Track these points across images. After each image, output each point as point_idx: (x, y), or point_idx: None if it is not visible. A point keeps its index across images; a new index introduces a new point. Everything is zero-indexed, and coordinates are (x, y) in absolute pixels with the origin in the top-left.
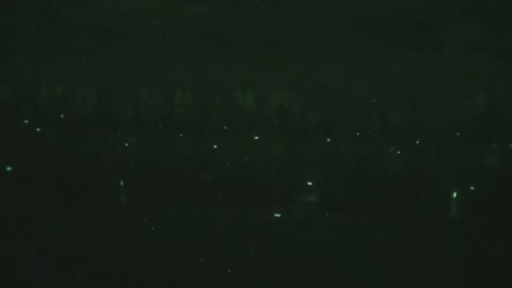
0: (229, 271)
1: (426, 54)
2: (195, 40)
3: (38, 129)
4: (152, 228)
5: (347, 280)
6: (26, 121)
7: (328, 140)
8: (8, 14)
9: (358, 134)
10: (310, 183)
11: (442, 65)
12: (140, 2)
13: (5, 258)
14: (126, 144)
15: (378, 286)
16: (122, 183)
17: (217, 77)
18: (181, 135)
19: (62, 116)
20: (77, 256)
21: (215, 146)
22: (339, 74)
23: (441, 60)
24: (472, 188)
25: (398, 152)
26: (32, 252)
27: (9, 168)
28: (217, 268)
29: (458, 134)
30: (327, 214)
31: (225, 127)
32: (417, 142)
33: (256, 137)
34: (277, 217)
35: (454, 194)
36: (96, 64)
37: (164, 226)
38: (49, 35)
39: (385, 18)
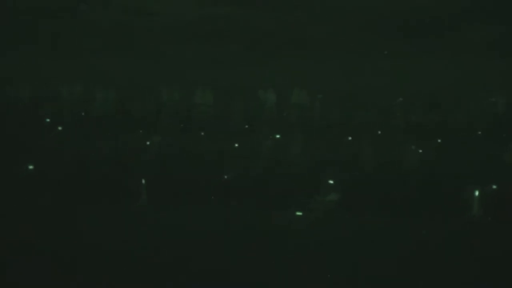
0: (249, 269)
1: (445, 54)
2: (215, 40)
3: (59, 128)
4: (172, 228)
5: (367, 279)
6: (47, 120)
7: (350, 138)
8: (26, 13)
9: (380, 132)
10: (331, 182)
11: (461, 64)
12: (160, 1)
13: (25, 254)
14: (148, 143)
15: (398, 285)
16: (143, 181)
17: (237, 76)
18: (202, 133)
19: (82, 114)
20: (97, 255)
21: (236, 145)
22: (359, 74)
23: (460, 59)
24: (494, 186)
25: (420, 151)
26: (52, 250)
27: (31, 167)
28: (236, 267)
29: (479, 133)
30: (348, 213)
31: (246, 126)
32: (439, 140)
33: (278, 136)
34: (298, 216)
35: (476, 193)
36: (116, 63)
37: (185, 225)
38: (67, 33)
39: (404, 19)
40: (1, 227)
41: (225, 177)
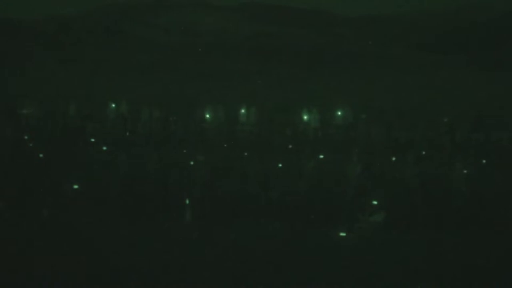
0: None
1: (490, 71)
2: (259, 59)
3: (104, 148)
4: (216, 244)
5: None
6: (92, 140)
7: (394, 159)
8: (72, 34)
9: (424, 152)
10: (375, 202)
11: (507, 82)
12: (202, 19)
13: (69, 268)
14: (191, 163)
15: None
16: (187, 200)
17: (282, 95)
18: (245, 153)
19: (127, 134)
20: (142, 271)
21: (280, 165)
22: (404, 92)
23: (505, 77)
24: None
25: (465, 171)
26: (97, 266)
27: (76, 186)
28: (277, 284)
29: None
30: (393, 233)
31: (290, 146)
32: (483, 161)
33: (321, 156)
34: (342, 236)
35: None
36: (161, 82)
37: (228, 242)
38: (111, 52)
39: (450, 35)
40: (50, 241)
41: (269, 196)
